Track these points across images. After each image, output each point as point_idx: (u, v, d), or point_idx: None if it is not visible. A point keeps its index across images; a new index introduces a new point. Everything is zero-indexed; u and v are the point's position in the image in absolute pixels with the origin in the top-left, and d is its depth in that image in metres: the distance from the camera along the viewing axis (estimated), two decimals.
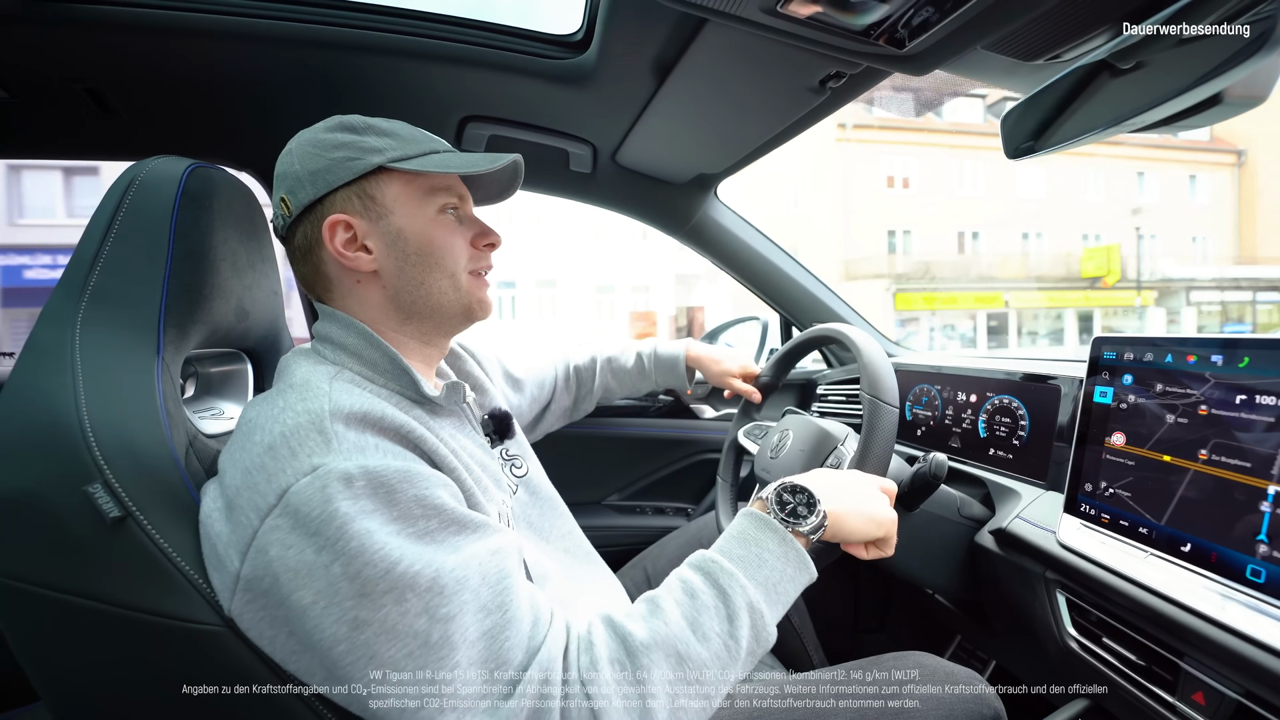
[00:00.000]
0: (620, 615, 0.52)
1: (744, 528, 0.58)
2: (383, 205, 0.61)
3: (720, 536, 0.58)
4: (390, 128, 0.63)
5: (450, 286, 0.64)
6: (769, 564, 0.55)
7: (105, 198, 0.60)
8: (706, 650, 0.49)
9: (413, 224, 0.62)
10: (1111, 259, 17.69)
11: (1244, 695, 0.52)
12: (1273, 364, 0.56)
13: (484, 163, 0.63)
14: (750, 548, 0.56)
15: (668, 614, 0.50)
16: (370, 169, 0.60)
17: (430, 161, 0.62)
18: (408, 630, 0.44)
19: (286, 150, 0.63)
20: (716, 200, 1.29)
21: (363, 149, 0.60)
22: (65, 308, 0.56)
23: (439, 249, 0.63)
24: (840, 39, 0.65)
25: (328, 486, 0.45)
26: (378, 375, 0.60)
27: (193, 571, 0.50)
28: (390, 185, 0.62)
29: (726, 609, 0.51)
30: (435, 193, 0.63)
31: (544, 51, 0.89)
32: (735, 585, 0.52)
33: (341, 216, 0.60)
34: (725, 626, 0.51)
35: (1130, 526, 0.66)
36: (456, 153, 0.66)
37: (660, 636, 0.49)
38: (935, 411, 1.07)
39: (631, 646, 0.48)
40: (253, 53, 0.84)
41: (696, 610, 0.51)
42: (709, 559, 0.55)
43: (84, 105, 0.90)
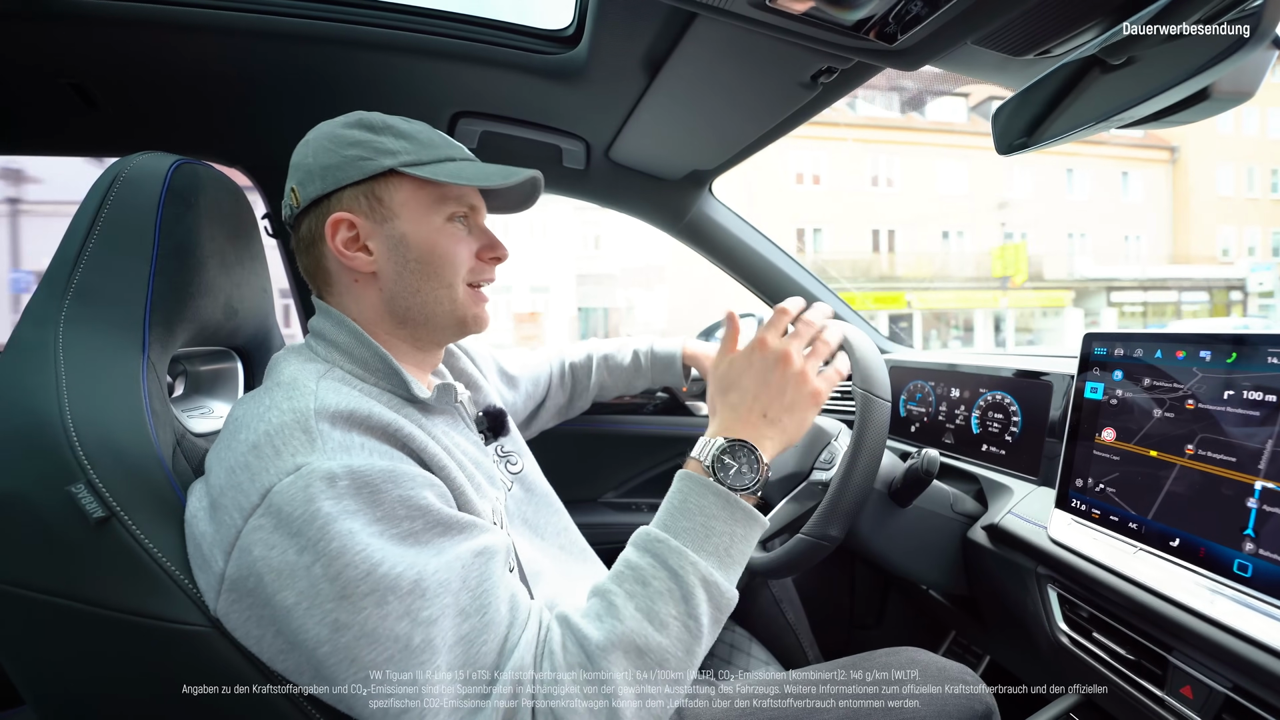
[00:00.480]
0: (576, 616, 0.50)
1: (685, 496, 0.55)
2: (389, 208, 0.60)
3: (663, 506, 0.56)
4: (409, 130, 0.62)
5: (446, 297, 0.63)
6: (717, 531, 0.53)
7: (88, 195, 0.59)
8: (666, 638, 0.48)
9: (417, 231, 0.61)
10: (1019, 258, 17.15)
11: (1231, 689, 0.52)
12: (1260, 360, 0.56)
13: (498, 177, 0.62)
14: (695, 518, 0.54)
15: (620, 609, 0.49)
16: (381, 170, 0.59)
17: (444, 170, 0.61)
18: (388, 633, 0.44)
19: (304, 140, 0.63)
20: (711, 196, 1.29)
21: (377, 149, 0.59)
22: (48, 306, 0.55)
23: (440, 259, 0.62)
24: (831, 34, 0.64)
25: (310, 486, 0.45)
26: (369, 374, 0.59)
27: (178, 572, 0.50)
28: (400, 189, 0.61)
29: (680, 590, 0.50)
30: (446, 201, 0.62)
31: (535, 47, 0.88)
32: (686, 563, 0.51)
33: (346, 215, 0.59)
34: (682, 608, 0.50)
35: (1120, 522, 0.66)
36: (474, 161, 0.65)
37: (616, 635, 0.47)
38: (929, 408, 1.07)
39: (589, 650, 0.47)
40: (241, 48, 0.84)
41: (650, 598, 0.49)
42: (654, 538, 0.53)
43: (69, 101, 0.89)
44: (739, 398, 0.60)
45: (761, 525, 0.56)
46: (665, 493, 0.57)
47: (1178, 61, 0.50)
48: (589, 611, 0.51)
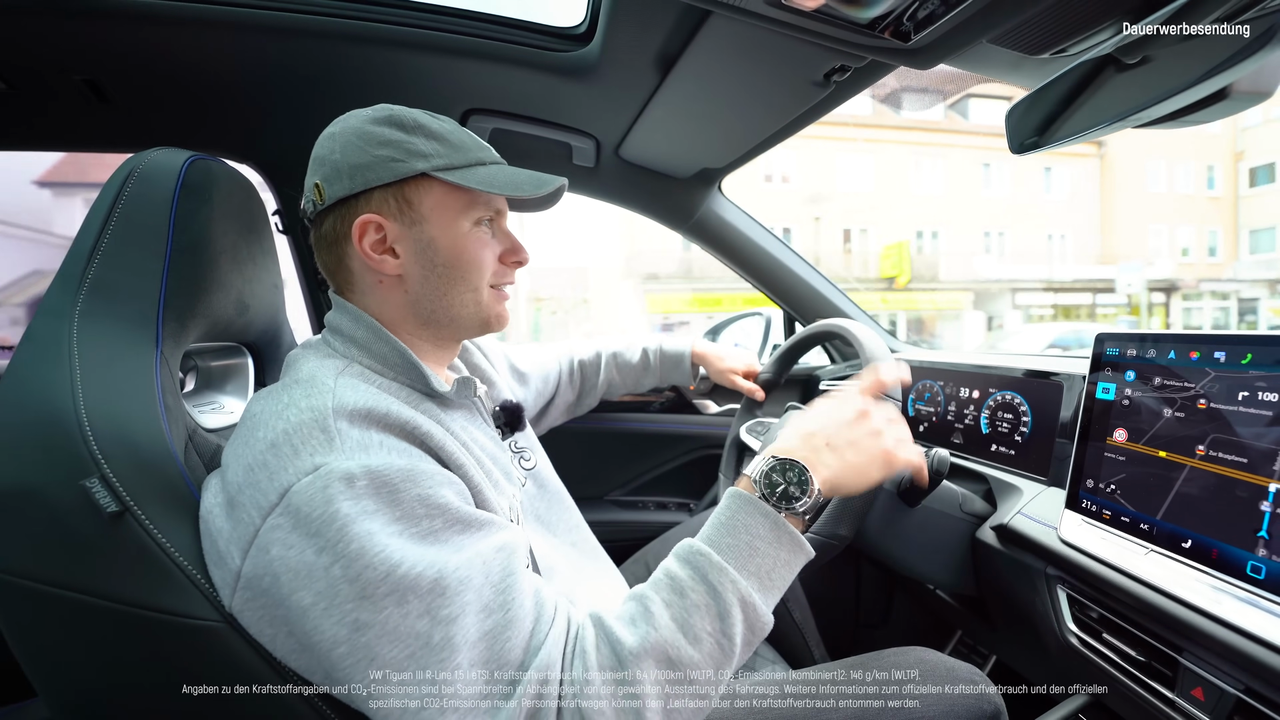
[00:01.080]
0: (610, 618, 0.50)
1: (733, 513, 0.54)
2: (419, 212, 0.60)
3: (710, 520, 0.55)
4: (440, 130, 0.61)
5: (472, 300, 0.63)
6: (761, 552, 0.52)
7: (104, 190, 0.59)
8: (698, 652, 0.48)
9: (446, 235, 0.61)
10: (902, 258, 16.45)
11: (1243, 691, 0.52)
12: (1276, 360, 0.56)
13: (529, 187, 0.62)
14: (740, 536, 0.53)
15: (656, 617, 0.49)
16: (413, 174, 0.58)
17: (475, 176, 0.60)
18: (409, 631, 0.44)
19: (329, 134, 0.61)
20: (720, 195, 1.29)
21: (409, 151, 0.58)
22: (63, 300, 0.56)
23: (467, 263, 0.62)
24: (845, 32, 0.64)
25: (329, 486, 0.45)
26: (388, 369, 0.59)
27: (191, 567, 0.50)
28: (430, 193, 0.60)
29: (718, 606, 0.49)
30: (474, 206, 0.62)
31: (547, 44, 0.88)
32: (726, 580, 0.50)
33: (374, 217, 0.58)
34: (717, 625, 0.49)
35: (1131, 523, 0.65)
36: (503, 165, 0.64)
37: (650, 643, 0.47)
38: (938, 407, 1.07)
39: (621, 654, 0.47)
40: (253, 44, 0.84)
41: (686, 611, 0.49)
42: (697, 552, 0.52)
43: (83, 97, 0.89)
44: (806, 425, 0.60)
45: (807, 555, 0.55)
46: (671, 491, 0.57)
47: (1195, 61, 0.50)
48: (624, 614, 0.50)
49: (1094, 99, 0.60)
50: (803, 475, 0.55)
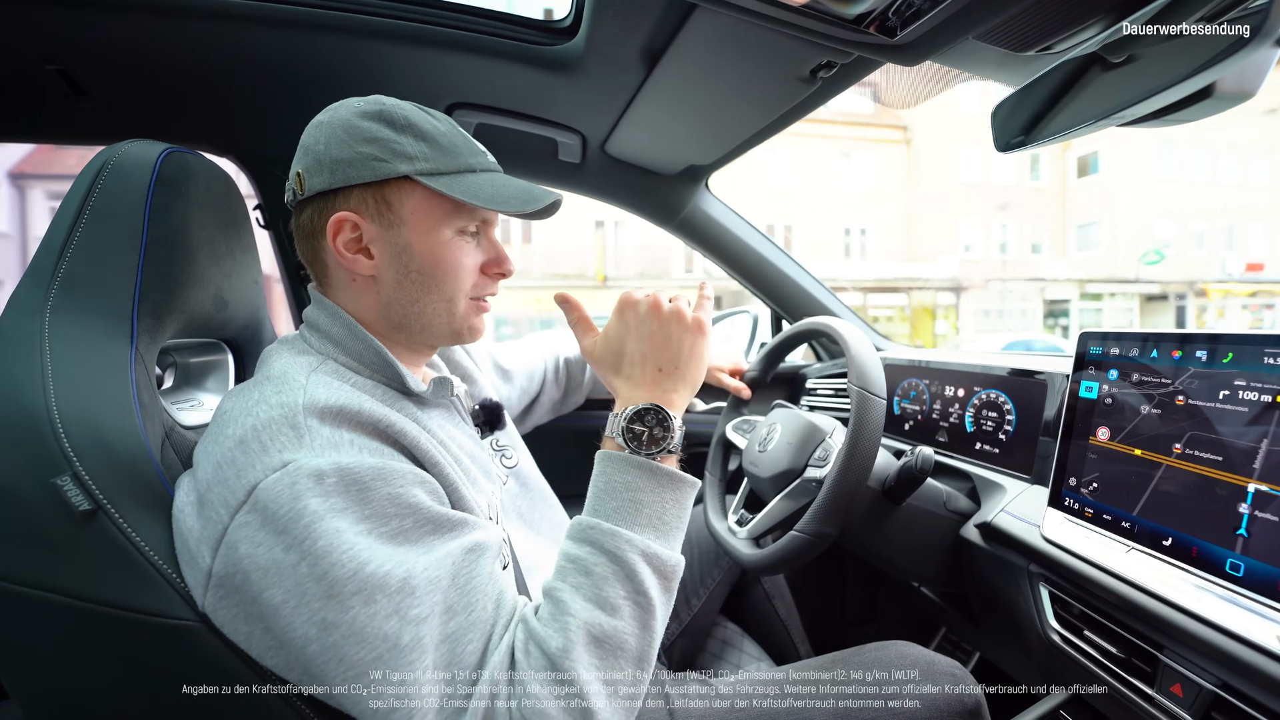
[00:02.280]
0: (533, 621, 0.49)
1: (608, 477, 0.55)
2: (398, 215, 0.58)
3: (589, 493, 0.56)
4: (431, 130, 0.58)
5: (445, 310, 0.61)
6: (645, 503, 0.53)
7: (76, 182, 0.58)
8: (620, 620, 0.48)
9: (424, 242, 0.58)
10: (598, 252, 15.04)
11: (1220, 687, 0.53)
12: (1256, 359, 0.56)
13: (517, 202, 0.59)
14: (621, 495, 0.53)
15: (570, 605, 0.49)
16: (395, 176, 0.56)
17: (461, 185, 0.58)
18: (377, 632, 0.44)
19: (317, 122, 0.59)
20: (707, 192, 1.28)
21: (394, 151, 0.56)
22: (34, 295, 0.54)
23: (444, 273, 0.60)
24: (831, 27, 0.64)
25: (297, 483, 0.45)
26: (363, 367, 0.59)
27: (166, 566, 0.49)
28: (412, 197, 0.58)
29: (623, 570, 0.50)
30: (458, 214, 0.59)
31: (532, 37, 0.87)
32: (621, 543, 0.51)
33: (351, 216, 0.57)
34: (629, 587, 0.50)
35: (1113, 520, 0.66)
36: (495, 172, 0.62)
37: (572, 634, 0.47)
38: (923, 406, 1.08)
39: (550, 654, 0.47)
40: (233, 34, 0.82)
41: (596, 585, 0.49)
42: (587, 526, 0.52)
43: (56, 88, 0.87)
44: (628, 364, 0.60)
45: (692, 484, 0.56)
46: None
47: (1179, 60, 0.50)
48: (543, 613, 0.50)
49: (1079, 97, 0.60)
50: (659, 414, 0.56)
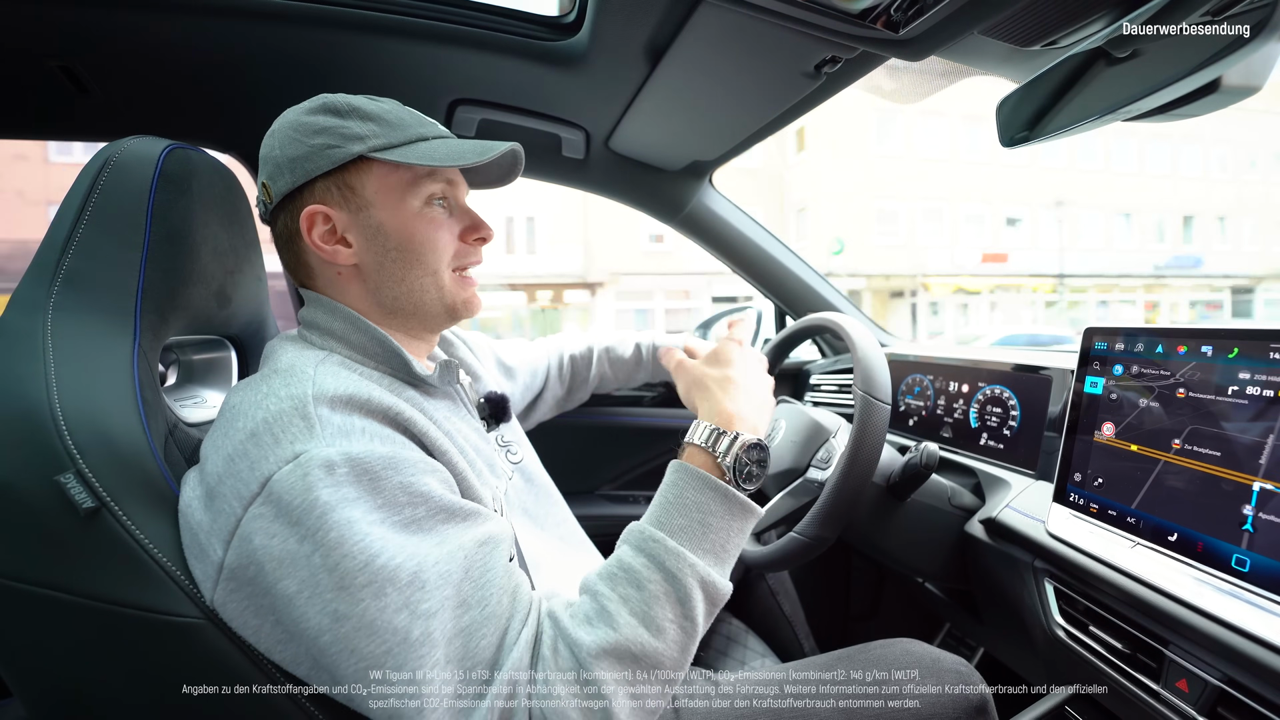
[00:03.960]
0: (565, 618, 0.48)
1: (681, 490, 0.53)
2: (363, 197, 0.58)
3: (659, 500, 0.54)
4: (376, 110, 0.59)
5: (433, 284, 0.61)
6: (714, 527, 0.52)
7: (78, 179, 0.58)
8: (662, 642, 0.47)
9: (394, 218, 0.59)
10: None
11: (1226, 682, 0.53)
12: (1262, 355, 0.56)
13: (473, 154, 0.59)
14: (691, 514, 0.52)
15: (615, 616, 0.47)
16: (350, 158, 0.57)
17: (415, 151, 0.58)
18: (387, 625, 0.43)
19: (270, 132, 0.61)
20: (711, 188, 1.28)
21: (344, 135, 0.57)
22: (36, 292, 0.54)
23: (421, 245, 0.60)
24: (836, 22, 0.64)
25: (309, 475, 0.44)
26: (368, 358, 0.59)
27: (171, 564, 0.49)
28: (371, 176, 0.58)
29: (678, 592, 0.49)
30: (421, 182, 0.60)
31: (535, 33, 0.87)
32: (683, 565, 0.49)
33: (320, 208, 0.58)
34: (678, 610, 0.49)
35: (1118, 516, 0.66)
36: (449, 138, 0.62)
37: (610, 643, 0.46)
38: (927, 401, 1.07)
39: (580, 655, 0.46)
40: (235, 30, 0.82)
41: (646, 603, 0.48)
42: (650, 537, 0.51)
43: (58, 84, 0.87)
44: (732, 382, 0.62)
45: (756, 515, 0.55)
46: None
47: (1185, 55, 0.49)
48: (579, 613, 0.49)
49: (1084, 92, 0.60)
50: (763, 455, 0.57)
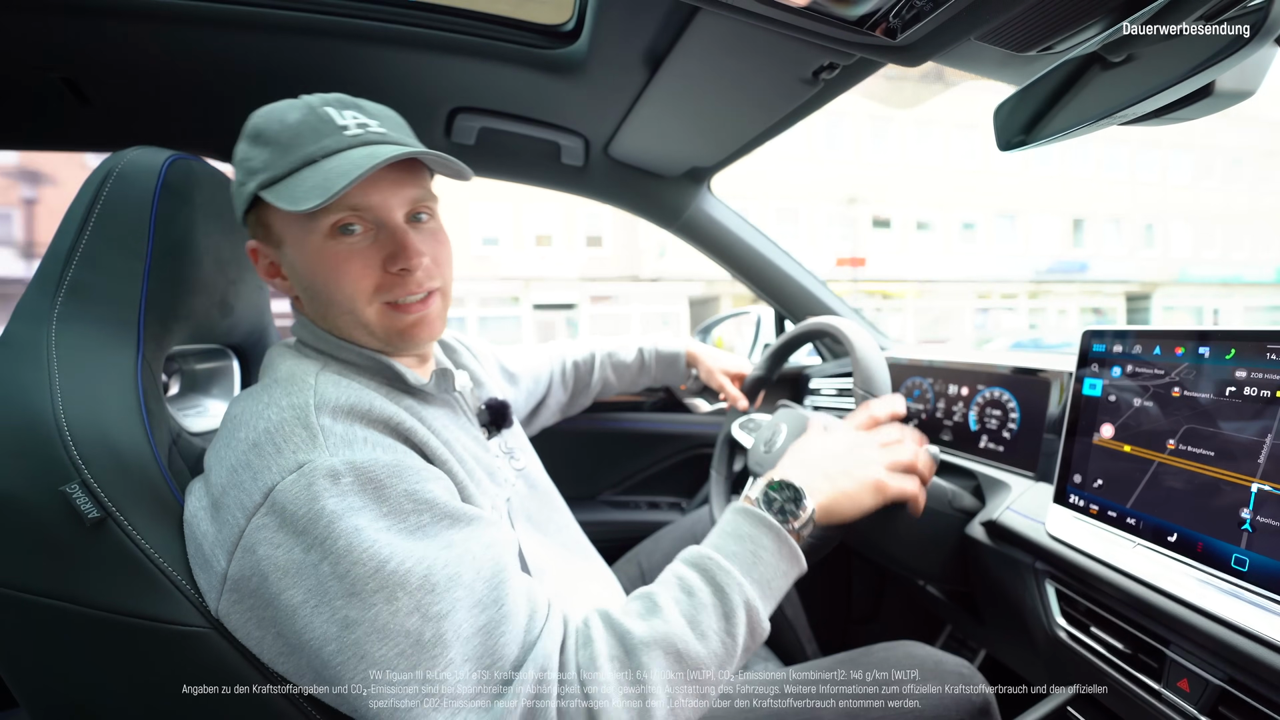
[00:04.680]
0: (617, 612, 0.51)
1: (738, 524, 0.57)
2: (275, 233, 0.57)
3: (713, 532, 0.58)
4: (276, 132, 0.53)
5: (354, 322, 0.56)
6: (764, 561, 0.55)
7: (81, 190, 0.58)
8: (705, 648, 0.49)
9: (301, 254, 0.55)
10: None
11: (1227, 681, 0.53)
12: (1259, 355, 0.57)
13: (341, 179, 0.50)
14: (745, 544, 0.55)
15: (666, 612, 0.50)
16: (251, 197, 0.55)
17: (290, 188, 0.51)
18: (399, 629, 0.44)
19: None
20: (710, 194, 1.29)
21: (248, 170, 0.54)
22: (40, 303, 0.54)
23: (326, 282, 0.55)
24: (834, 29, 0.64)
25: (314, 484, 0.45)
26: (360, 372, 0.59)
27: (176, 573, 0.49)
28: (274, 211, 0.54)
29: (724, 606, 0.51)
30: (319, 213, 0.52)
31: (534, 42, 0.88)
32: (732, 582, 0.52)
33: (252, 243, 0.59)
34: (722, 624, 0.51)
35: (1118, 517, 0.66)
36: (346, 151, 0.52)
37: (659, 634, 0.48)
38: (927, 404, 1.08)
39: (630, 644, 0.48)
40: (236, 41, 0.83)
41: (694, 608, 0.50)
42: (705, 556, 0.54)
43: (60, 95, 0.87)
44: (803, 454, 0.66)
45: (801, 569, 0.58)
46: (664, 490, 0.58)
47: (1179, 59, 0.50)
48: (630, 609, 0.51)
49: (1080, 96, 0.60)
50: (797, 495, 0.59)
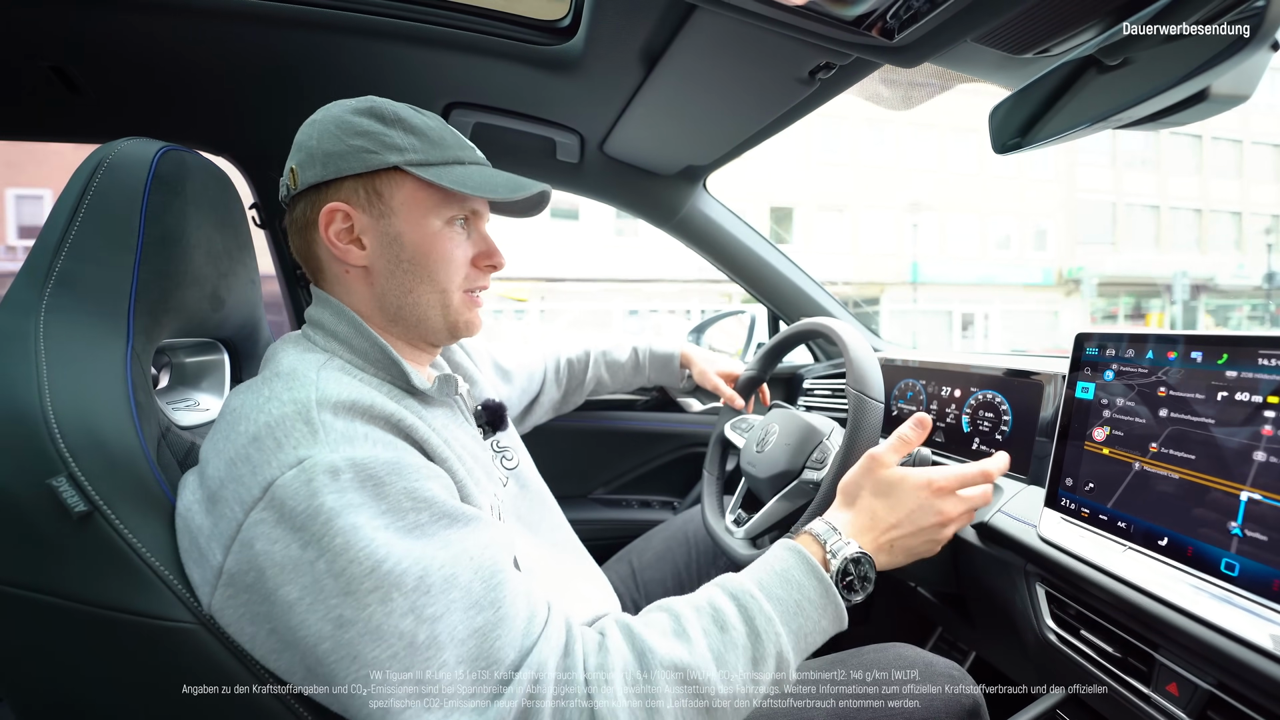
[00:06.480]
0: (640, 626, 0.50)
1: (789, 567, 0.55)
2: (389, 205, 0.59)
3: (763, 565, 0.56)
4: (420, 124, 0.60)
5: (439, 302, 0.62)
6: (807, 614, 0.53)
7: (71, 180, 0.58)
8: (726, 688, 0.48)
9: (414, 232, 0.60)
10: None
11: (1215, 686, 0.53)
12: (1251, 361, 0.57)
13: (505, 189, 0.60)
14: (793, 591, 0.54)
15: (694, 641, 0.48)
16: (385, 166, 0.58)
17: (450, 174, 0.59)
18: (393, 630, 0.43)
19: (310, 120, 0.61)
20: (705, 193, 1.28)
21: (384, 143, 0.58)
22: (28, 294, 0.54)
23: (435, 263, 0.61)
24: (830, 29, 0.64)
25: (313, 480, 0.44)
26: (369, 365, 0.59)
27: (164, 568, 0.49)
28: (402, 187, 0.59)
29: (755, 652, 0.50)
30: (448, 204, 0.61)
31: (530, 37, 0.87)
32: (770, 630, 0.50)
33: (342, 206, 0.58)
34: (749, 670, 0.49)
35: (1109, 521, 0.66)
36: (484, 166, 0.63)
37: (681, 661, 0.47)
38: (920, 406, 1.08)
39: (649, 663, 0.46)
40: (229, 32, 0.82)
41: (725, 646, 0.49)
42: (748, 592, 0.53)
43: (49, 85, 0.86)
44: (888, 513, 0.63)
45: (843, 625, 0.57)
46: (656, 489, 0.57)
47: (1174, 63, 0.50)
48: (655, 624, 0.50)
49: (1075, 100, 0.60)
50: (870, 574, 0.58)
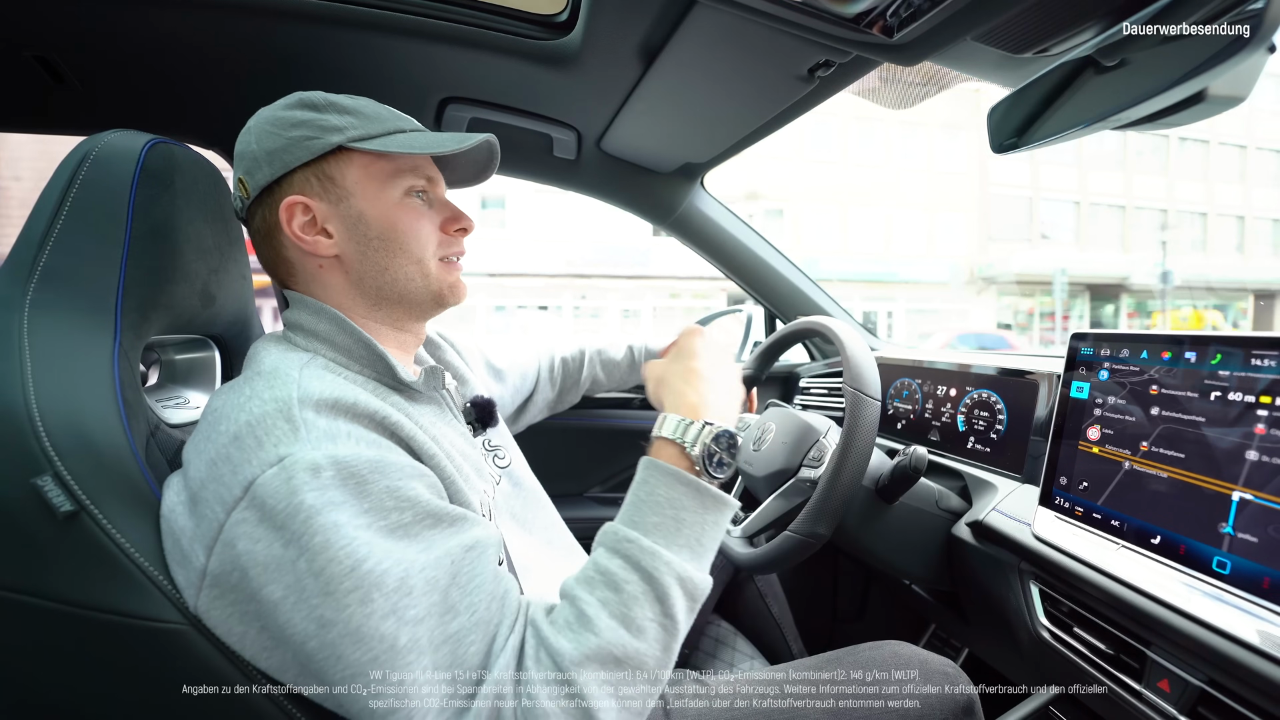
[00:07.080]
0: (546, 626, 0.48)
1: (653, 488, 0.53)
2: (343, 188, 0.59)
3: (632, 498, 0.54)
4: (353, 105, 0.60)
5: (418, 272, 0.62)
6: (688, 522, 0.51)
7: (56, 173, 0.56)
8: (644, 642, 0.47)
9: (375, 208, 0.59)
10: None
11: (1207, 683, 0.53)
12: (1243, 361, 0.57)
13: (451, 143, 0.60)
14: (664, 511, 0.51)
15: (595, 621, 0.47)
16: (329, 149, 0.57)
17: (394, 141, 0.59)
18: (373, 632, 0.43)
19: (245, 129, 0.61)
20: (703, 190, 1.28)
21: (322, 128, 0.58)
22: (12, 290, 0.53)
23: (403, 234, 0.60)
24: (830, 26, 0.64)
25: (294, 478, 0.44)
26: (352, 361, 0.58)
27: (152, 568, 0.48)
28: (351, 167, 0.59)
29: (656, 591, 0.48)
30: (400, 175, 0.60)
31: (527, 32, 0.86)
32: (659, 564, 0.49)
33: (299, 198, 0.58)
34: (658, 609, 0.48)
35: (1102, 519, 0.67)
36: (425, 131, 0.63)
37: (590, 649, 0.46)
38: (915, 405, 1.08)
39: (562, 665, 0.45)
40: (216, 23, 0.80)
41: (625, 604, 0.48)
42: (624, 538, 0.50)
43: (35, 76, 0.85)
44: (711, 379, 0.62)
45: (732, 506, 0.55)
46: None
47: (1172, 64, 0.50)
48: (559, 619, 0.48)
49: (1073, 100, 0.60)
50: (732, 441, 0.56)
